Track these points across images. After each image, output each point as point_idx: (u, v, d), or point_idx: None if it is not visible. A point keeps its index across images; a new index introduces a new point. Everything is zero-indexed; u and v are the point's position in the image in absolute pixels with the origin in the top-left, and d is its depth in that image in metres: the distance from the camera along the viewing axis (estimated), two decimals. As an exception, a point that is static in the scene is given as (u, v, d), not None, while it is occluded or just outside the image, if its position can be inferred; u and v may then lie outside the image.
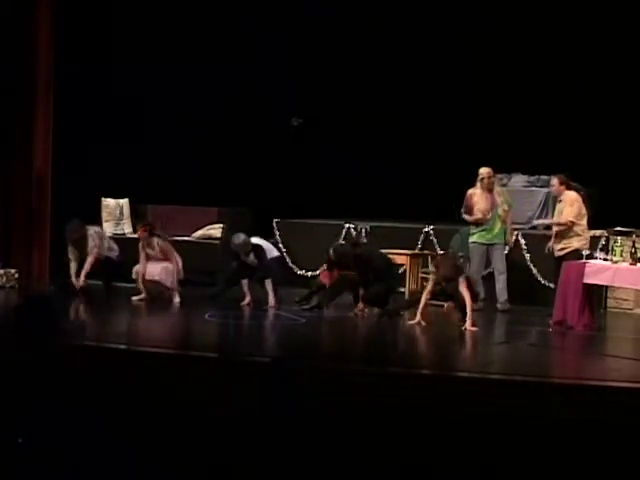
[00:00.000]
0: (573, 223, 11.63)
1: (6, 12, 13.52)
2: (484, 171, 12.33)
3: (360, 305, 11.67)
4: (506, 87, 14.35)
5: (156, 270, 12.19)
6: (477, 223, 12.32)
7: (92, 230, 12.48)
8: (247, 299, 12.02)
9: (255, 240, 12.22)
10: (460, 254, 12.80)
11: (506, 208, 12.44)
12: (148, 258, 12.22)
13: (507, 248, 12.71)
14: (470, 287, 11.05)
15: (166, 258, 12.17)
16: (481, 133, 14.33)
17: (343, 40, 14.97)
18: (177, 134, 14.77)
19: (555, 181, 11.88)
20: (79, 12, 13.89)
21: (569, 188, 11.77)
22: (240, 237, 12.11)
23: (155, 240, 12.19)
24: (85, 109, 14.21)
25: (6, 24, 13.51)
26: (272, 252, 12.42)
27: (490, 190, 12.35)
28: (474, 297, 11.15)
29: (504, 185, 13.70)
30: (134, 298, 12.27)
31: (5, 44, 13.50)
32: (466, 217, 12.39)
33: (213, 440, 4.50)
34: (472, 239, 12.35)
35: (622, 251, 10.79)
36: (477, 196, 12.30)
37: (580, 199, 11.69)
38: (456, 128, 14.58)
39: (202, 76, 14.77)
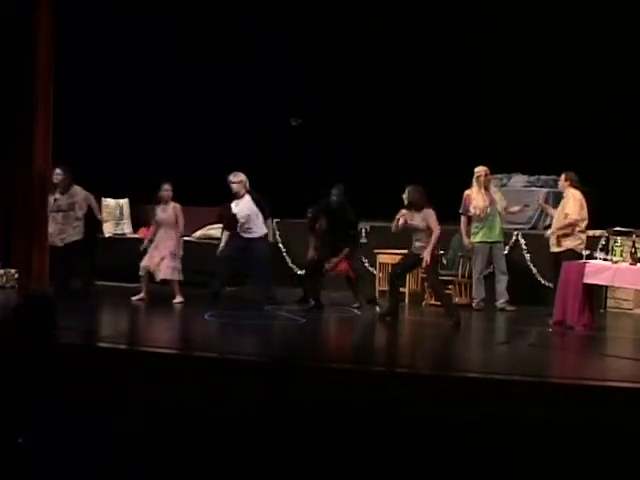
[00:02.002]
0: (577, 221, 11.62)
1: (6, 12, 13.51)
2: (481, 169, 12.38)
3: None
4: (506, 87, 14.33)
5: (160, 263, 12.20)
6: (476, 221, 12.33)
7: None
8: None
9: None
10: (460, 254, 12.82)
11: (504, 206, 12.48)
12: (157, 224, 12.25)
13: (507, 248, 12.74)
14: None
15: (174, 223, 12.16)
16: (481, 133, 14.32)
17: (343, 40, 14.96)
18: (177, 134, 14.77)
19: (562, 177, 11.92)
20: (78, 10, 13.89)
21: (574, 187, 11.76)
22: (240, 175, 12.12)
23: (172, 204, 12.21)
24: (85, 109, 14.21)
25: (6, 24, 13.50)
26: (263, 229, 12.37)
27: (487, 188, 12.37)
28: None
29: (504, 185, 13.71)
30: (134, 298, 12.27)
31: (5, 44, 13.49)
32: (462, 219, 12.42)
33: (213, 440, 4.50)
34: (476, 239, 12.36)
35: (622, 251, 10.80)
36: (474, 194, 12.32)
37: (583, 199, 11.69)
38: (456, 128, 14.57)
39: (201, 76, 14.77)
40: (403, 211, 11.27)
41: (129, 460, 4.32)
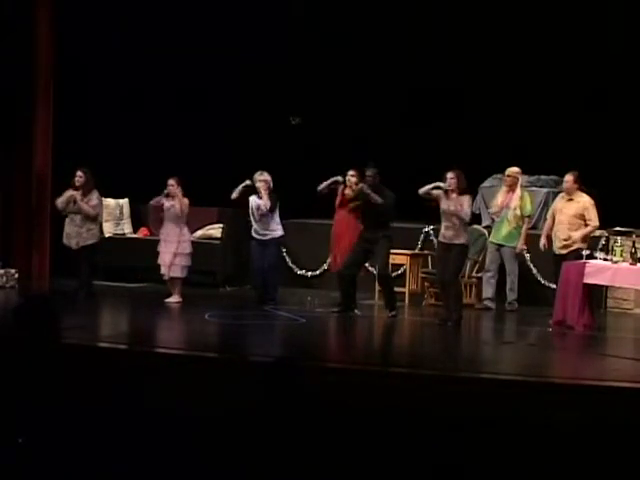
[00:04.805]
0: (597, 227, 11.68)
1: (6, 12, 13.52)
2: (508, 170, 12.56)
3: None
4: (506, 88, 14.32)
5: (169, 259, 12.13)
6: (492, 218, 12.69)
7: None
8: None
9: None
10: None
11: (518, 213, 12.32)
12: (162, 217, 12.23)
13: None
14: None
15: (178, 218, 12.13)
16: (481, 133, 14.31)
17: (343, 39, 14.95)
18: (177, 134, 14.75)
19: (570, 177, 11.70)
20: (78, 10, 13.90)
21: (581, 189, 11.70)
22: (265, 174, 12.21)
23: (180, 196, 12.16)
24: (85, 108, 14.20)
25: (6, 24, 13.51)
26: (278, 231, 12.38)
27: (510, 189, 12.42)
28: None
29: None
30: (167, 300, 12.08)
31: (5, 45, 13.50)
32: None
33: (213, 440, 4.50)
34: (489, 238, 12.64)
35: (622, 251, 10.81)
36: (499, 192, 12.61)
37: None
38: (456, 128, 14.55)
39: (201, 76, 14.76)
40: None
41: (129, 460, 4.32)
